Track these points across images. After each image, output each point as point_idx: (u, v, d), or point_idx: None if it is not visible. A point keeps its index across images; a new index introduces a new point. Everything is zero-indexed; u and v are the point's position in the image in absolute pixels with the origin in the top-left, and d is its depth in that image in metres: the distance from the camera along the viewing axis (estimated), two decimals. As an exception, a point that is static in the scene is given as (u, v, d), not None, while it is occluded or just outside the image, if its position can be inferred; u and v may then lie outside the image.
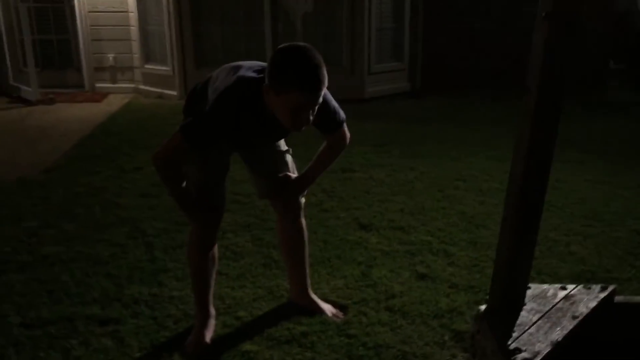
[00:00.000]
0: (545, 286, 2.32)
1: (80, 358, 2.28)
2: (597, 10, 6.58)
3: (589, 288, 2.29)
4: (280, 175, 2.40)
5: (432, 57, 7.80)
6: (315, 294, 2.70)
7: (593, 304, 2.18)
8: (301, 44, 1.94)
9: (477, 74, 7.59)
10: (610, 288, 2.29)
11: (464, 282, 2.89)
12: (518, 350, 1.91)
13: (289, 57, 1.89)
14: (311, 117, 1.97)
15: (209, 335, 2.40)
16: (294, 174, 2.45)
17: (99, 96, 8.01)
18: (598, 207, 3.92)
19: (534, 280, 2.55)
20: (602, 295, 2.24)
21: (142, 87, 8.02)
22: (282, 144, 2.47)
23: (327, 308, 2.62)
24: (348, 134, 2.34)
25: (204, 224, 2.30)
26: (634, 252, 3.26)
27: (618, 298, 2.31)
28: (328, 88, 2.02)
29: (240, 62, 2.15)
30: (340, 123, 2.26)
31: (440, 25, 7.73)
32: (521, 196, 2.00)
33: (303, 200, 2.55)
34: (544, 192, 2.03)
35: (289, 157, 2.48)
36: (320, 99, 1.96)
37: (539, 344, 1.94)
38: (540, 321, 2.07)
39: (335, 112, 2.21)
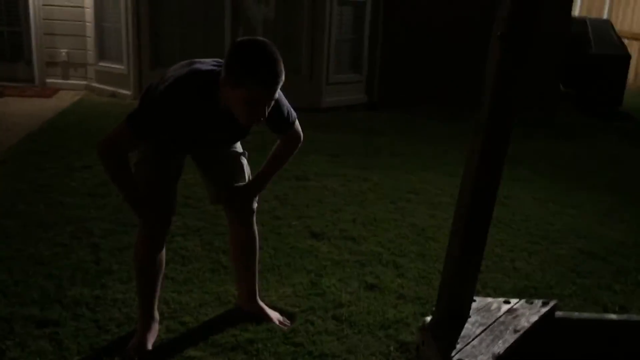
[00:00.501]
0: (489, 299, 2.37)
1: (16, 360, 2.20)
2: (550, 33, 6.78)
3: (531, 303, 2.35)
4: (234, 185, 2.38)
5: (391, 71, 7.89)
6: (263, 301, 2.68)
7: (534, 318, 2.23)
8: (260, 38, 1.95)
9: (435, 89, 7.71)
10: (552, 303, 2.35)
11: (411, 293, 2.92)
12: (461, 362, 1.94)
13: (247, 51, 1.89)
14: (266, 112, 1.97)
15: (151, 340, 2.35)
16: (246, 180, 2.43)
17: (49, 91, 7.78)
18: (543, 224, 4.03)
19: (479, 294, 2.60)
20: (544, 310, 2.30)
21: (95, 84, 7.83)
22: (238, 146, 2.45)
23: (275, 316, 2.60)
24: (301, 134, 2.35)
25: (151, 224, 2.26)
26: (576, 270, 3.36)
27: (558, 313, 2.37)
28: (287, 93, 2.02)
29: (197, 59, 2.12)
30: (292, 123, 2.26)
31: (401, 38, 7.83)
32: (469, 210, 2.04)
33: (255, 205, 2.54)
34: (492, 207, 2.07)
35: (244, 160, 2.46)
36: (277, 95, 1.96)
37: (481, 356, 1.98)
38: (483, 334, 2.11)
39: (287, 112, 2.21)
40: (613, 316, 2.60)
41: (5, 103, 6.86)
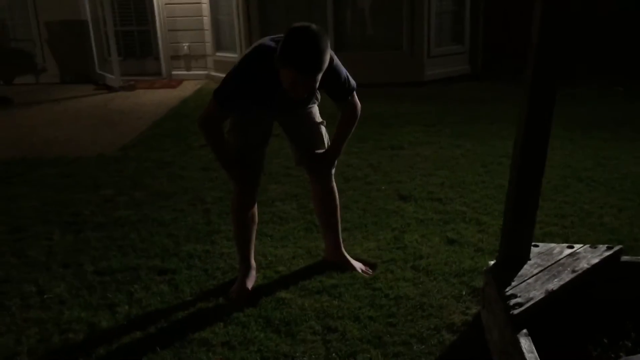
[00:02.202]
0: (553, 245, 2.49)
1: (141, 300, 2.67)
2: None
3: (595, 247, 2.44)
4: (315, 152, 2.70)
5: (494, 40, 7.82)
6: (349, 254, 2.98)
7: (595, 260, 2.33)
8: (313, 27, 2.19)
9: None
10: (616, 248, 2.43)
11: (490, 247, 3.07)
12: (513, 296, 2.12)
13: (296, 38, 2.17)
14: (312, 89, 2.25)
15: (250, 284, 2.73)
16: (325, 147, 2.73)
17: (175, 82, 8.56)
18: (641, 182, 3.97)
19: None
20: (606, 253, 2.39)
21: (213, 73, 8.51)
22: (317, 115, 2.75)
23: (358, 265, 2.89)
24: (359, 104, 2.61)
25: (241, 183, 2.63)
26: (668, 224, 3.32)
27: (624, 258, 2.44)
28: (389, 68, 2.28)
29: (268, 36, 2.44)
30: (351, 90, 2.53)
31: (504, 6, 7.73)
32: (522, 161, 2.20)
33: (334, 168, 2.83)
34: (544, 159, 2.20)
35: (322, 129, 2.76)
36: (318, 78, 2.22)
37: (534, 291, 2.14)
38: (540, 273, 2.26)
39: (346, 81, 2.48)
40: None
41: (137, 95, 7.69)
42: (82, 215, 3.64)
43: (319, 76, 2.22)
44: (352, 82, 2.53)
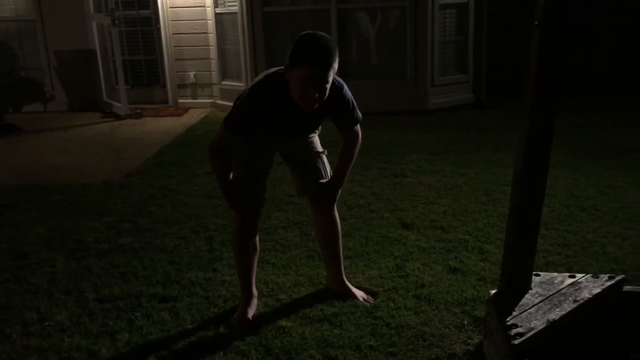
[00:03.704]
0: (554, 274, 2.48)
1: (142, 327, 2.67)
2: None
3: (597, 277, 2.43)
4: (318, 181, 2.72)
5: (498, 69, 7.89)
6: (350, 282, 2.98)
7: (597, 290, 2.33)
8: (320, 32, 2.29)
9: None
10: (619, 277, 2.42)
11: (492, 275, 3.06)
12: (514, 326, 2.11)
13: (305, 40, 2.26)
14: (319, 97, 2.27)
15: (251, 313, 2.73)
16: (327, 177, 2.75)
17: (181, 110, 8.64)
18: (644, 211, 3.96)
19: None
20: (608, 283, 2.38)
21: (219, 101, 8.59)
22: (318, 145, 2.78)
23: (359, 294, 2.89)
24: (360, 134, 2.64)
25: (243, 214, 2.65)
26: (672, 254, 3.31)
27: (627, 287, 2.43)
28: (394, 98, 2.32)
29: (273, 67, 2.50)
30: (357, 119, 2.56)
31: (506, 36, 7.81)
32: (521, 189, 2.21)
33: (337, 196, 2.85)
34: (543, 186, 2.22)
35: (324, 158, 2.79)
36: (328, 80, 2.26)
37: (535, 321, 2.13)
38: (541, 303, 2.25)
39: (353, 109, 2.52)
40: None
41: (143, 123, 7.76)
42: (85, 242, 3.66)
43: (329, 75, 2.25)
44: (359, 112, 2.57)
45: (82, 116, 8.33)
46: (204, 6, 8.45)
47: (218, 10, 8.36)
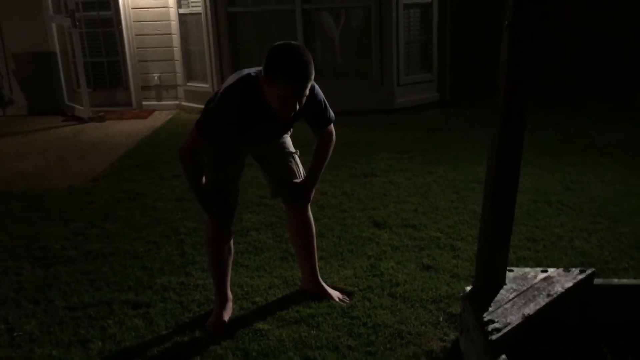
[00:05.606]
0: (527, 269, 2.52)
1: (115, 335, 2.62)
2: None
3: (569, 271, 2.49)
4: (291, 182, 2.71)
5: (462, 68, 7.99)
6: (325, 282, 2.97)
7: (569, 284, 2.37)
8: (294, 42, 2.28)
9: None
10: (589, 271, 2.48)
11: (465, 272, 3.10)
12: (491, 322, 2.14)
13: (281, 53, 2.23)
14: (297, 107, 2.27)
15: (226, 316, 2.70)
16: (301, 177, 2.74)
17: (145, 113, 8.50)
18: (608, 206, 4.05)
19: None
20: (580, 277, 2.43)
21: (184, 103, 8.49)
22: (290, 145, 2.77)
23: (335, 294, 2.89)
24: (334, 133, 2.65)
25: (217, 218, 2.62)
26: (637, 246, 3.40)
27: (597, 280, 2.49)
28: (360, 97, 2.32)
29: (246, 68, 2.48)
30: (330, 119, 2.56)
31: (470, 35, 7.92)
32: (494, 187, 2.24)
33: (311, 196, 2.84)
34: (516, 184, 2.25)
35: (297, 159, 2.78)
36: (307, 91, 2.26)
37: (511, 316, 2.16)
38: (516, 298, 2.29)
39: (326, 109, 2.52)
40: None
41: (107, 126, 7.61)
42: (52, 250, 3.57)
43: (308, 87, 2.25)
44: (332, 112, 2.57)
45: (42, 120, 8.12)
46: (167, 7, 8.33)
47: (181, 11, 8.26)
